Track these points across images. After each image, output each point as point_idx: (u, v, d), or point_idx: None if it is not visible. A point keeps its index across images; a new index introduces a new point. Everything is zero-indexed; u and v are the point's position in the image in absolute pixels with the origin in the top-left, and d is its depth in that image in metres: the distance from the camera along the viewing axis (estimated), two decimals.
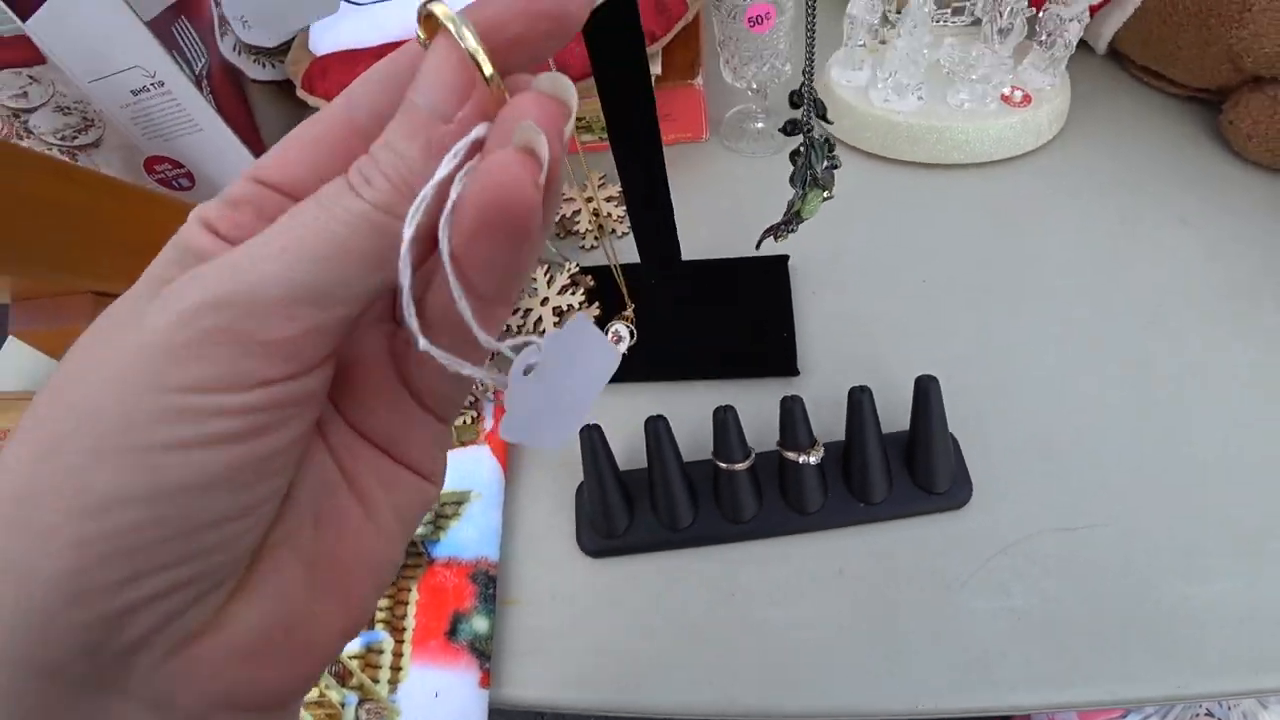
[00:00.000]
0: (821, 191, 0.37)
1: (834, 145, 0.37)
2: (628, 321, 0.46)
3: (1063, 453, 0.42)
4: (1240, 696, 0.38)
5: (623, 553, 0.40)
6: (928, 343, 0.46)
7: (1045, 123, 0.52)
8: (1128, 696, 0.37)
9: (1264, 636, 0.36)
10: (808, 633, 0.38)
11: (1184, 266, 0.49)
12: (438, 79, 0.15)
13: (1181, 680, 0.36)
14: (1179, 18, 0.52)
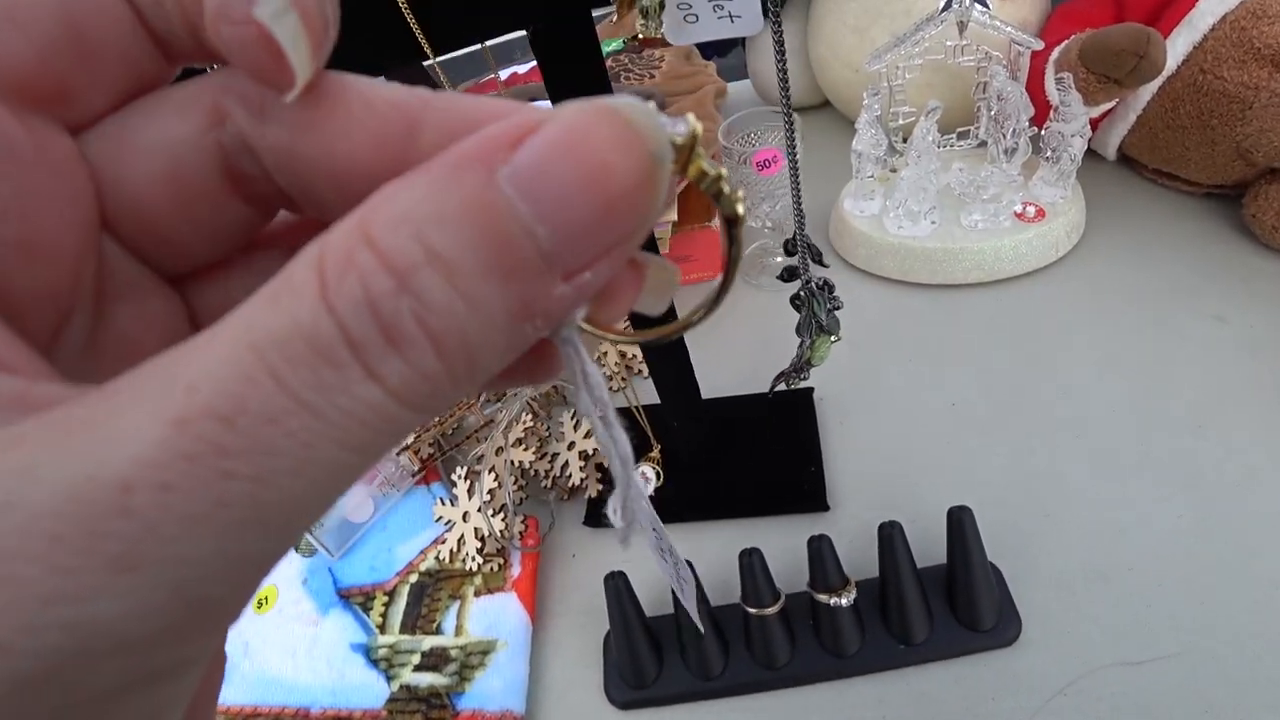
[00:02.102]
0: (829, 337, 0.39)
1: (834, 287, 0.39)
2: (654, 463, 0.48)
3: (1118, 579, 0.40)
4: None
5: (653, 704, 0.40)
6: (962, 470, 0.46)
7: (1062, 234, 0.54)
8: None
9: None
10: None
11: (1225, 366, 0.48)
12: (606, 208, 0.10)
13: None
14: (1182, 121, 0.54)
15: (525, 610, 0.45)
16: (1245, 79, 0.50)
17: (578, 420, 0.50)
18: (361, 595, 0.49)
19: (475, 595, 0.46)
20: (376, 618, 0.47)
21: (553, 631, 0.45)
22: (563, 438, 0.49)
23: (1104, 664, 0.38)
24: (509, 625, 0.44)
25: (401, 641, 0.46)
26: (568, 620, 0.45)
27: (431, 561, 0.48)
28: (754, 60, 0.77)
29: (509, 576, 0.46)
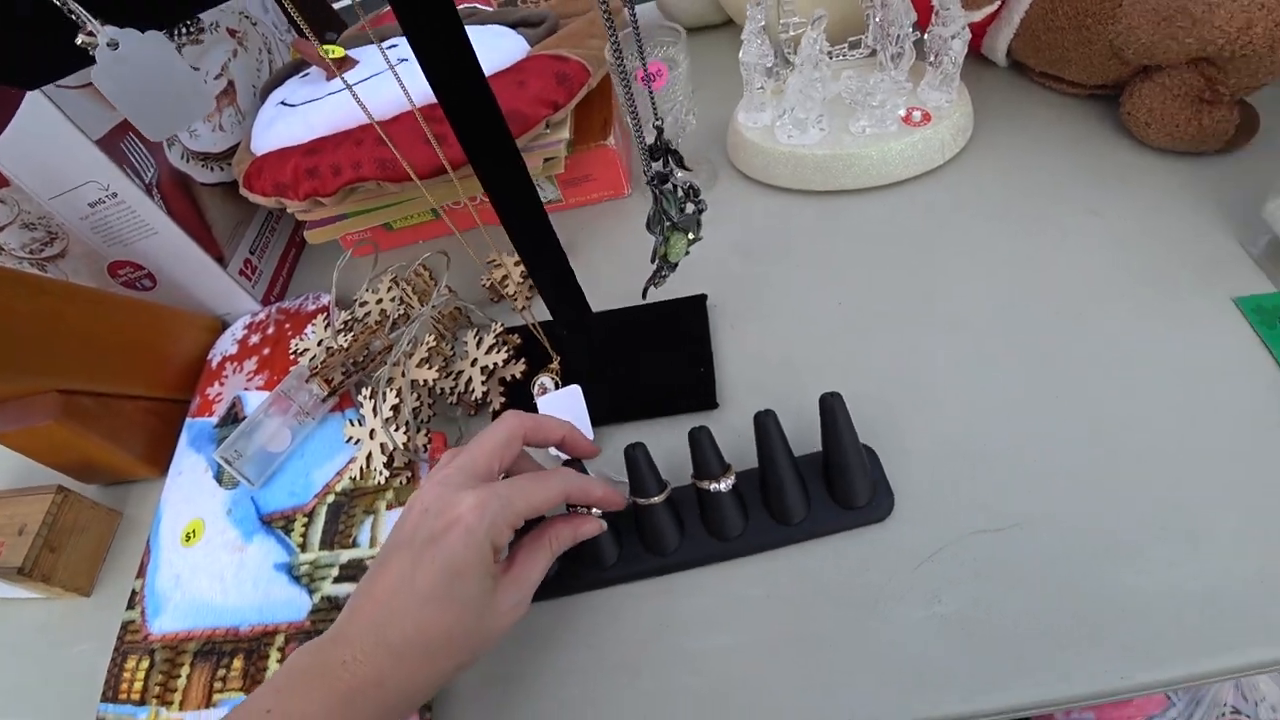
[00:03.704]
0: (685, 235, 0.40)
1: (699, 191, 0.41)
2: (553, 374, 0.50)
3: (984, 455, 0.44)
4: (1185, 683, 0.38)
5: (554, 595, 0.43)
6: (844, 364, 0.49)
7: (948, 137, 0.56)
8: (1068, 695, 0.37)
9: (1204, 619, 0.37)
10: (739, 659, 0.40)
11: (1095, 257, 0.51)
12: None
13: (1124, 671, 0.37)
14: (1060, 23, 0.56)
15: None
16: None
17: (480, 338, 0.51)
18: (283, 519, 0.51)
19: (387, 509, 0.48)
20: (297, 538, 0.49)
21: None
22: (466, 355, 0.51)
23: (968, 532, 0.41)
24: None
25: (321, 557, 0.48)
26: None
27: (346, 482, 0.50)
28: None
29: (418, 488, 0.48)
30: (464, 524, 0.35)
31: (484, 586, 0.35)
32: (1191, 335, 0.47)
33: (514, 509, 0.36)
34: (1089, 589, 0.39)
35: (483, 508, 0.35)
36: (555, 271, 0.43)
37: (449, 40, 0.33)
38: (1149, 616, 0.37)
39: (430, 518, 0.35)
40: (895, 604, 0.40)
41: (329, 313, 0.58)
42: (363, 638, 0.33)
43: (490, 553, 0.35)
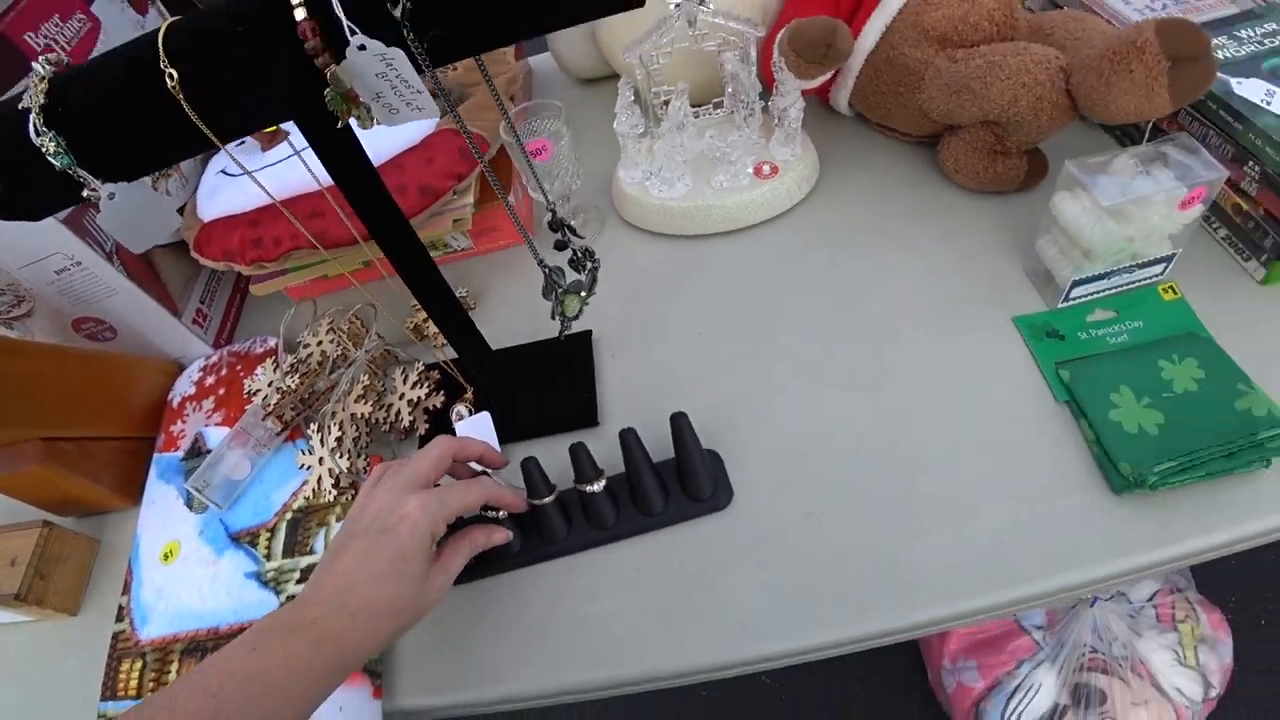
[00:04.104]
0: (577, 295, 0.55)
1: (593, 253, 0.55)
2: (467, 403, 0.64)
3: (809, 454, 0.59)
4: (950, 621, 0.53)
5: (472, 578, 0.57)
6: (702, 384, 0.64)
7: (793, 186, 0.71)
8: (861, 633, 0.53)
9: (967, 574, 0.52)
10: (617, 619, 0.54)
11: (909, 285, 0.67)
12: None
13: (903, 613, 0.52)
14: (883, 88, 0.71)
15: None
16: (920, 55, 0.67)
17: (406, 375, 0.65)
18: (249, 535, 0.64)
19: (337, 520, 0.62)
20: (263, 550, 0.63)
21: None
22: (395, 390, 0.65)
23: (791, 517, 0.56)
24: None
25: (285, 564, 0.61)
26: None
27: (301, 500, 0.64)
28: (553, 39, 0.89)
29: None
30: (411, 519, 0.47)
31: (423, 569, 0.47)
32: (979, 349, 0.62)
33: (449, 508, 0.49)
34: (886, 554, 0.54)
35: (425, 508, 0.47)
36: (454, 323, 0.57)
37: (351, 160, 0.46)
38: (927, 573, 0.52)
39: (384, 514, 0.47)
40: (731, 573, 0.55)
41: (277, 356, 0.71)
42: (328, 602, 0.45)
43: (429, 543, 0.47)
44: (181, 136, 0.41)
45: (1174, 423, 0.55)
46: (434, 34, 0.38)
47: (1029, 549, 0.53)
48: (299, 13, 0.37)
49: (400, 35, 0.37)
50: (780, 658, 0.53)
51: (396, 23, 0.37)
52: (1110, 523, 0.53)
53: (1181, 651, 1.02)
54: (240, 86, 0.40)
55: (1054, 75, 0.61)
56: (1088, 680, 1.02)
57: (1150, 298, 0.64)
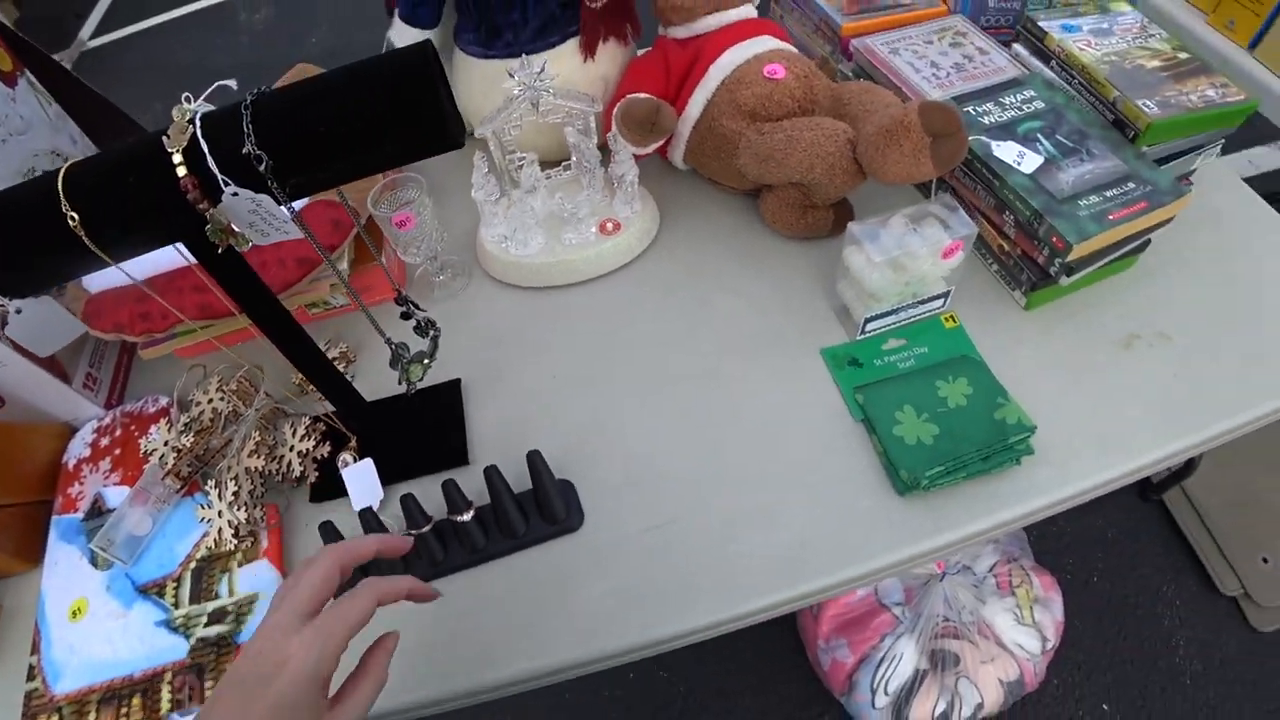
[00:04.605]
0: (420, 362, 0.67)
1: (434, 323, 0.68)
2: (352, 451, 0.75)
3: (651, 477, 0.73)
4: (770, 609, 0.68)
5: None
6: (558, 420, 0.77)
7: (634, 240, 0.85)
8: (693, 626, 0.67)
9: (781, 569, 0.67)
10: (485, 631, 0.67)
11: (735, 325, 0.82)
12: None
13: (730, 605, 0.67)
14: (708, 151, 0.86)
15: (276, 569, 0.72)
16: (734, 126, 0.82)
17: (295, 428, 0.76)
18: (156, 586, 0.74)
19: (239, 566, 0.73)
20: (170, 599, 0.73)
21: None
22: (285, 443, 0.76)
23: (634, 532, 0.71)
24: (265, 581, 0.71)
25: (192, 610, 0.72)
26: None
27: (204, 550, 0.74)
28: None
29: (260, 549, 0.73)
30: (293, 664, 0.43)
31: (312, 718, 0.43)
32: (791, 378, 0.78)
33: (337, 639, 0.45)
34: (714, 557, 0.68)
35: (309, 647, 0.43)
36: (328, 383, 0.69)
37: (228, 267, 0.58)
38: (749, 570, 0.67)
39: (262, 659, 0.43)
40: (584, 584, 0.68)
41: (170, 416, 0.81)
42: None
43: (318, 689, 0.44)
44: (80, 260, 0.52)
45: (946, 433, 0.72)
46: (294, 181, 0.50)
47: (830, 544, 0.69)
48: (180, 170, 0.48)
49: (265, 184, 0.49)
50: (627, 652, 0.66)
51: (262, 175, 0.49)
52: (895, 519, 0.70)
53: (1020, 612, 1.22)
54: (133, 223, 0.51)
55: (842, 146, 0.76)
56: (943, 646, 1.21)
57: (934, 327, 0.81)
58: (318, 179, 0.51)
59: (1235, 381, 0.80)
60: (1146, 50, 0.90)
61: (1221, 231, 0.95)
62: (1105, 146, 0.82)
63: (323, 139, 0.49)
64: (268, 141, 0.48)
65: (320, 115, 0.49)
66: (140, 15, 3.67)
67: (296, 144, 0.49)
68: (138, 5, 3.73)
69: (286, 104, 0.49)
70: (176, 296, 0.76)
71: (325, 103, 0.49)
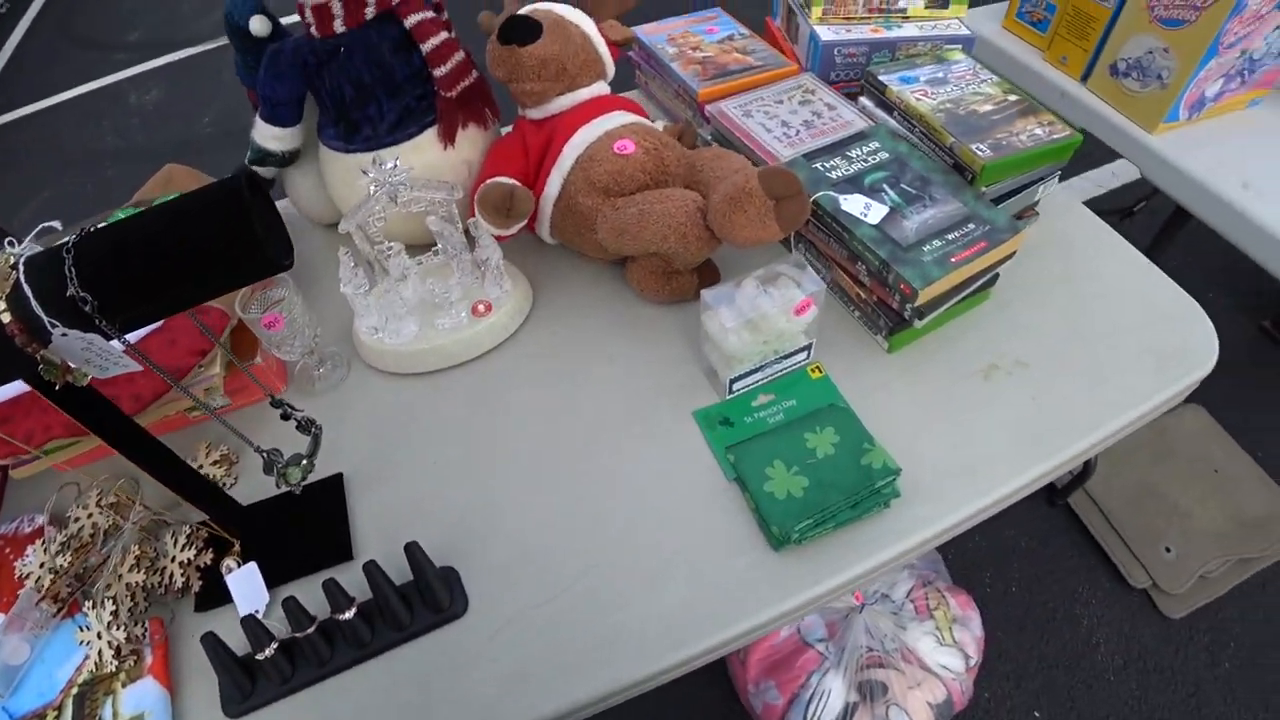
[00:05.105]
0: (297, 466, 0.69)
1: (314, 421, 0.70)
2: (235, 555, 0.77)
3: (532, 557, 0.76)
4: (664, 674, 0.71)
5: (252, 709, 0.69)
6: (441, 505, 0.79)
7: (508, 319, 0.89)
8: (590, 695, 0.70)
9: (668, 631, 0.70)
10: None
11: (612, 393, 0.85)
12: None
13: (616, 675, 0.69)
14: (570, 226, 0.90)
15: (162, 685, 0.72)
16: (590, 203, 0.86)
17: (176, 538, 0.77)
18: (36, 717, 0.74)
19: (123, 686, 0.73)
20: None
21: (192, 686, 0.73)
22: (167, 553, 0.77)
23: (520, 610, 0.73)
24: (151, 699, 0.72)
25: None
26: (201, 676, 0.73)
27: (86, 674, 0.74)
28: (290, 186, 1.03)
29: (145, 666, 0.73)
30: None
31: None
32: (666, 442, 0.82)
33: None
34: (601, 626, 0.71)
35: None
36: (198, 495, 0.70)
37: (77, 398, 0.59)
38: (637, 635, 0.70)
39: None
40: (473, 670, 0.70)
41: (44, 536, 0.81)
42: None
43: None
44: None
45: (816, 484, 0.76)
46: (123, 317, 0.52)
47: (712, 605, 0.72)
48: (4, 316, 0.50)
49: (94, 324, 0.51)
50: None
51: (89, 315, 0.51)
52: (773, 573, 0.74)
53: (940, 634, 1.27)
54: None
55: (693, 215, 0.81)
56: (870, 676, 1.25)
57: (802, 379, 0.86)
58: (147, 313, 0.53)
59: (1088, 400, 0.86)
60: (980, 95, 0.97)
61: (1068, 256, 1.02)
62: (946, 191, 0.89)
63: (146, 278, 0.51)
64: (92, 283, 0.50)
65: (141, 256, 0.51)
66: (30, 97, 3.63)
67: (120, 284, 0.51)
68: (28, 86, 3.70)
69: (107, 246, 0.51)
70: (43, 415, 0.77)
71: (145, 243, 0.51)
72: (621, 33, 0.93)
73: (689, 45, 1.11)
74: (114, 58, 3.77)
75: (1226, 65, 1.10)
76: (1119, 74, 1.17)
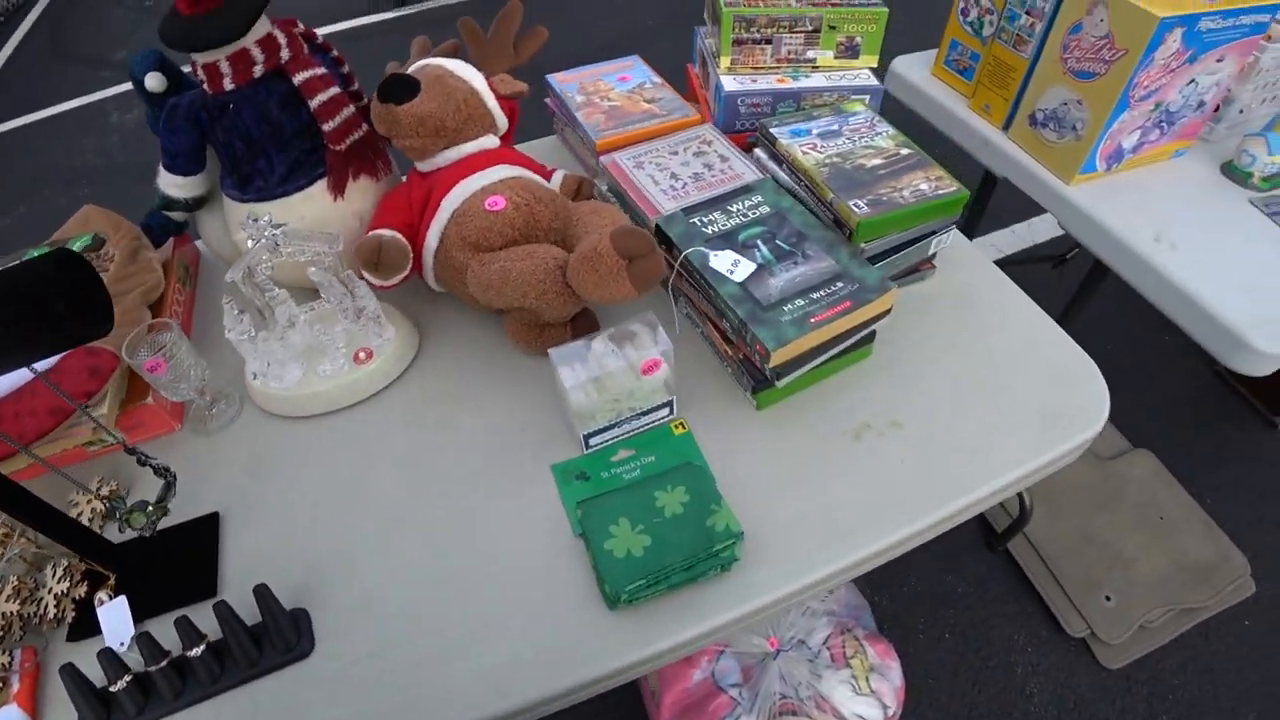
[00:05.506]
0: (142, 512, 0.75)
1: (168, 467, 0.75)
2: (109, 589, 0.82)
3: (383, 600, 0.80)
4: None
5: None
6: (305, 546, 0.84)
7: (388, 366, 0.93)
8: None
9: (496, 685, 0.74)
10: None
11: (473, 446, 0.90)
12: None
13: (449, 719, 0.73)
14: (449, 277, 0.95)
15: (25, 713, 0.78)
16: (462, 258, 0.91)
17: (54, 570, 0.83)
18: None
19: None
20: None
21: (55, 715, 0.78)
22: (45, 585, 0.83)
23: (366, 654, 0.77)
24: None
25: None
26: (65, 705, 0.79)
27: None
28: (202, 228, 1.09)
29: (11, 693, 0.79)
30: None
31: None
32: (523, 494, 0.86)
33: None
34: (437, 674, 0.75)
35: None
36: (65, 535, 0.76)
37: None
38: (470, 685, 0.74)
39: None
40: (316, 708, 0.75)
41: None
42: None
43: None
44: None
45: (659, 544, 0.79)
46: None
47: (544, 659, 0.76)
48: None
49: None
50: None
51: None
52: (605, 632, 0.77)
53: (857, 683, 1.28)
54: None
55: (552, 273, 0.85)
56: None
57: (664, 435, 0.89)
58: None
59: (962, 462, 0.88)
60: (871, 149, 1.00)
61: (968, 311, 1.03)
62: (821, 247, 0.91)
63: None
64: None
65: None
66: (16, 111, 3.73)
67: None
68: (13, 101, 3.80)
69: None
70: None
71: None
72: (511, 87, 0.97)
73: (599, 93, 1.15)
74: (100, 75, 3.87)
75: (1141, 117, 1.10)
76: (1037, 124, 1.18)
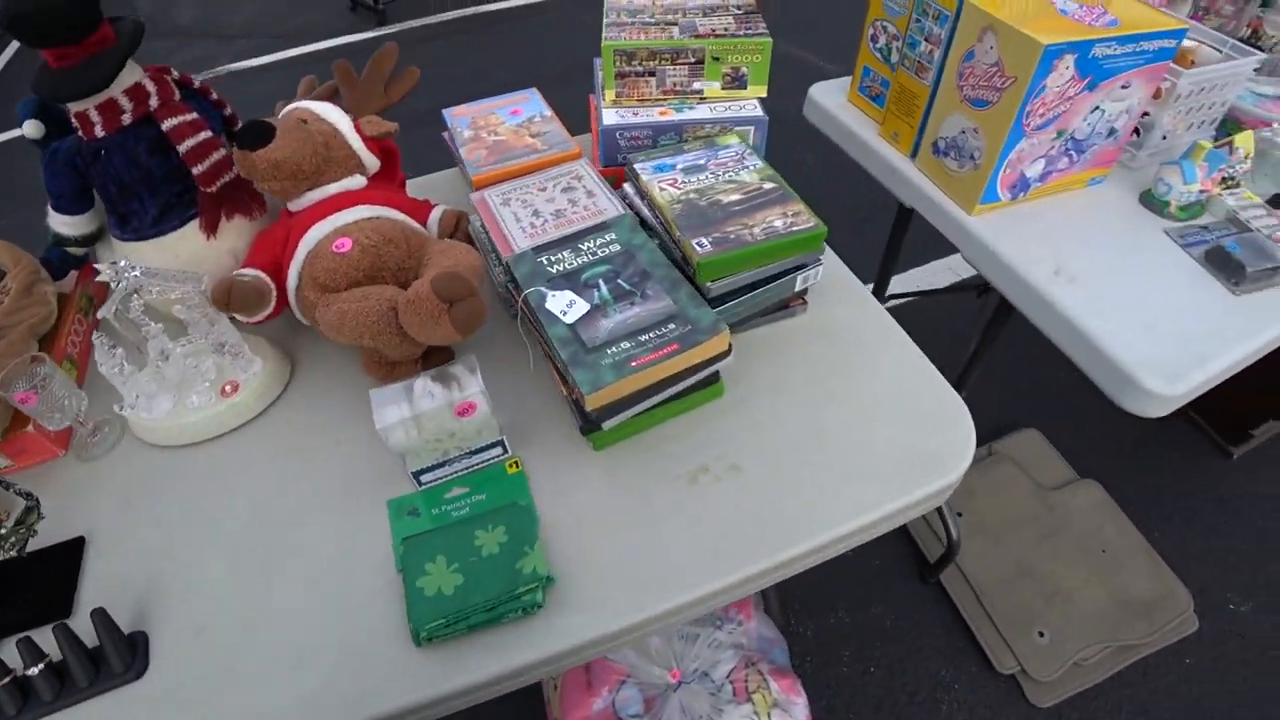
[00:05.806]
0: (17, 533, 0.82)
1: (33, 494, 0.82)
2: None
3: (218, 627, 0.86)
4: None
5: None
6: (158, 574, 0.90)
7: (254, 399, 0.99)
8: None
9: (303, 715, 0.78)
10: None
11: (324, 477, 0.95)
12: None
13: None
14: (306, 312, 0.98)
15: None
16: (312, 297, 0.95)
17: None
18: None
19: None
20: None
21: None
22: None
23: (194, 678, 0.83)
24: None
25: None
26: None
27: None
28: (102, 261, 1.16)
29: None
30: None
31: None
32: (359, 527, 0.90)
33: None
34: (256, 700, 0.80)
35: None
36: None
37: None
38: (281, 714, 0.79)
39: None
40: None
41: None
42: None
43: None
44: None
45: (470, 583, 0.82)
46: None
47: (350, 691, 0.80)
48: None
49: None
50: None
51: None
52: (409, 668, 0.81)
53: (758, 718, 1.28)
54: None
55: (385, 315, 0.88)
56: None
57: (497, 473, 0.92)
58: None
59: (800, 509, 0.88)
60: (733, 184, 1.00)
61: (841, 350, 1.03)
62: (663, 287, 0.92)
63: None
64: None
65: None
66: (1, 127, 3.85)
67: None
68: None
69: None
70: None
71: None
72: (379, 128, 1.00)
73: (488, 128, 1.17)
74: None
75: (1044, 145, 1.06)
76: (940, 152, 1.15)
